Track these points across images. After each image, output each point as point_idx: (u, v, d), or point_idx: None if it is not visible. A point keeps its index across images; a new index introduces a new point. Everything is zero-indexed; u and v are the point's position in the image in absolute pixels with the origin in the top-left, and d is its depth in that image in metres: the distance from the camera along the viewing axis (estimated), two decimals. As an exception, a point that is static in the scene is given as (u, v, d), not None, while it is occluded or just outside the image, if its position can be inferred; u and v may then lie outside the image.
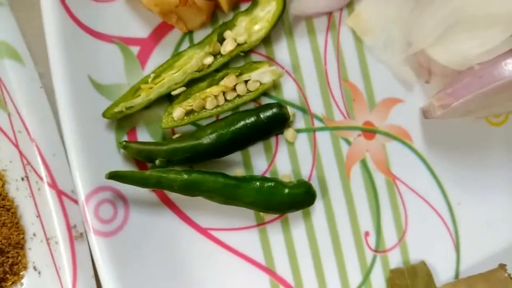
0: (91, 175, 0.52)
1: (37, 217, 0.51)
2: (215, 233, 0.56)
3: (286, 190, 0.55)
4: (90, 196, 0.52)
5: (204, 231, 0.56)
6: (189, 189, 0.53)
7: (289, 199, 0.55)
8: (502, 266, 0.58)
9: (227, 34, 0.55)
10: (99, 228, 0.52)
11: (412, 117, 0.58)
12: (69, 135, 0.51)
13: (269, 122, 0.55)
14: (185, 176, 0.53)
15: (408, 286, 0.58)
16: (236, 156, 0.56)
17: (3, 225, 0.52)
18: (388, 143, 0.58)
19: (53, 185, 0.50)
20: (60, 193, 0.50)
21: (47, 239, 0.51)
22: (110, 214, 0.52)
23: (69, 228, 0.51)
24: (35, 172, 0.50)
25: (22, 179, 0.52)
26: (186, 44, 0.55)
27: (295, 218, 0.57)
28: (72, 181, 0.51)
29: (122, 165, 0.53)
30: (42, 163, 0.50)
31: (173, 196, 0.55)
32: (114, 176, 0.51)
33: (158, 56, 0.54)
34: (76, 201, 0.51)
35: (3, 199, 0.52)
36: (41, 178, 0.50)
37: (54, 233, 0.51)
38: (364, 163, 0.58)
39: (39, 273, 0.53)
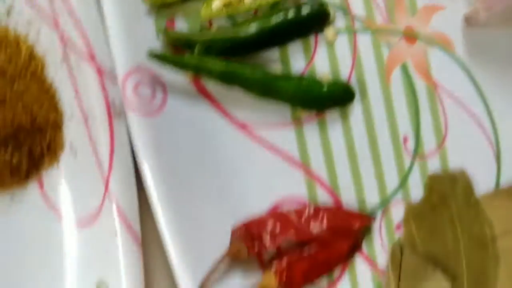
0: (130, 54, 0.52)
1: (75, 97, 0.52)
2: (251, 128, 0.56)
3: (325, 87, 0.54)
4: (128, 75, 0.52)
5: (240, 125, 0.56)
6: (228, 77, 0.53)
7: (328, 96, 0.55)
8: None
9: None
10: (138, 106, 0.52)
11: (455, 25, 0.58)
12: (110, 14, 0.52)
13: (309, 18, 0.55)
14: (224, 64, 0.53)
15: (447, 192, 0.56)
16: (274, 54, 0.56)
17: (42, 106, 0.52)
18: (430, 49, 0.57)
19: (92, 61, 0.51)
20: (99, 70, 0.51)
21: (85, 118, 0.52)
22: (149, 95, 0.53)
23: (108, 105, 0.51)
24: (75, 49, 0.51)
25: (62, 60, 0.52)
26: None
27: (333, 120, 0.57)
28: (111, 60, 0.51)
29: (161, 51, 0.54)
30: (83, 40, 0.51)
31: (211, 88, 0.55)
32: (154, 55, 0.52)
33: None
34: (115, 81, 0.51)
35: (42, 82, 0.53)
36: (80, 55, 0.51)
37: (92, 111, 0.51)
38: (404, 68, 0.57)
39: (76, 153, 0.53)
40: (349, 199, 0.57)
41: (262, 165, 0.56)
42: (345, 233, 0.55)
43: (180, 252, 0.52)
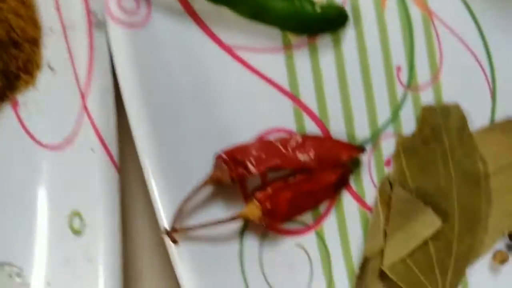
0: (114, -36, 0.49)
1: (55, 8, 0.49)
2: (239, 52, 0.53)
3: (319, 9, 0.52)
4: (111, -15, 0.49)
5: (227, 48, 0.53)
6: (215, -8, 0.50)
7: (321, 18, 0.52)
8: (542, 108, 0.55)
9: None
10: (120, 16, 0.49)
11: (453, -48, 0.55)
12: None
13: None
14: (212, -22, 0.50)
15: (440, 125, 0.54)
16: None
17: (18, 16, 0.49)
18: (427, -23, 0.55)
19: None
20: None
21: (65, 30, 0.49)
22: (133, 6, 0.50)
23: (89, 15, 0.48)
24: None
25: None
26: None
27: (324, 46, 0.54)
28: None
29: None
30: None
31: (198, 6, 0.52)
32: (138, -34, 0.49)
33: None
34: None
35: (20, -8, 0.50)
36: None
37: (72, 22, 0.48)
38: (400, -6, 0.54)
39: (54, 71, 0.50)
40: (338, 131, 0.54)
41: (249, 92, 0.53)
42: (332, 163, 0.52)
43: (160, 179, 0.50)
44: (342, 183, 0.53)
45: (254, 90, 0.53)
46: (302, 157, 0.52)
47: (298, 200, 0.51)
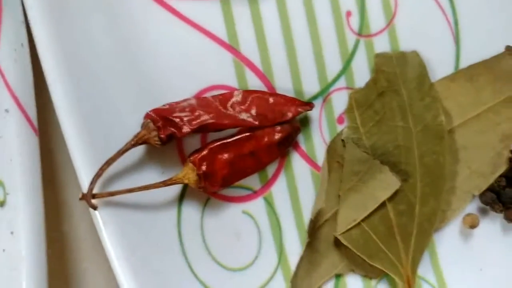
0: None
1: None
2: (171, 2, 0.48)
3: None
4: None
5: (158, -1, 0.48)
6: None
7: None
8: (509, 50, 0.49)
9: None
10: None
11: None
12: None
13: None
14: None
15: (397, 75, 0.49)
16: None
17: None
18: None
19: None
20: None
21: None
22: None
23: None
24: None
25: None
26: None
27: (266, -7, 0.48)
28: None
29: None
30: None
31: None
32: None
33: None
34: None
35: None
36: None
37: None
38: None
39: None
40: (284, 86, 0.49)
41: (183, 45, 0.48)
42: (277, 121, 0.47)
43: (81, 142, 0.45)
44: (288, 142, 0.48)
45: (188, 43, 0.48)
46: (242, 114, 0.47)
47: (239, 161, 0.46)
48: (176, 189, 0.47)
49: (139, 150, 0.47)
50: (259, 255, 0.49)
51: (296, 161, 0.49)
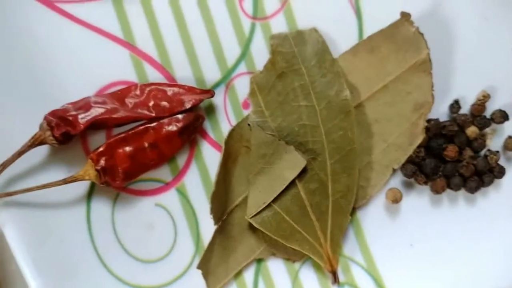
0: None
1: None
2: (62, 6, 0.48)
3: None
4: None
5: (49, 4, 0.48)
6: None
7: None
8: (405, 16, 0.48)
9: None
10: None
11: None
12: None
13: None
14: None
15: (295, 54, 0.48)
16: None
17: None
18: None
19: None
20: None
21: None
22: None
23: None
24: None
25: None
26: None
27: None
28: None
29: None
30: None
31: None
32: None
33: None
34: None
35: None
36: None
37: None
38: None
39: None
40: (185, 76, 0.49)
41: (80, 47, 0.48)
42: (176, 110, 0.46)
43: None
44: (190, 132, 0.47)
45: (84, 44, 0.49)
46: (139, 108, 0.46)
47: (140, 154, 0.46)
48: (85, 186, 0.47)
49: (45, 151, 0.47)
50: (175, 246, 0.48)
51: (206, 149, 0.49)
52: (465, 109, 0.50)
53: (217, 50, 0.49)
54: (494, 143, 0.50)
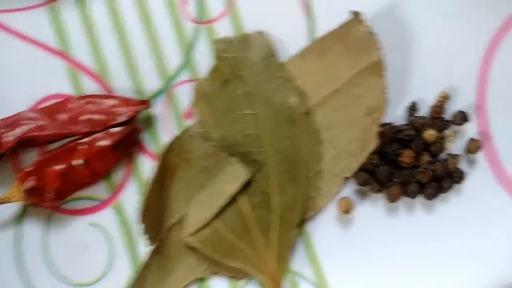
0: None
1: None
2: (-7, 15, 0.46)
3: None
4: None
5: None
6: None
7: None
8: (356, 16, 0.45)
9: None
10: None
11: None
12: None
13: None
14: None
15: (240, 59, 0.45)
16: None
17: None
18: None
19: None
20: None
21: None
22: None
23: None
24: None
25: None
26: None
27: (95, -6, 0.46)
28: None
29: None
30: None
31: None
32: None
33: None
34: None
35: None
36: None
37: None
38: None
39: None
40: (123, 87, 0.46)
41: (13, 59, 0.46)
42: (109, 124, 0.44)
43: None
44: (125, 146, 0.45)
45: (17, 55, 0.46)
46: (71, 122, 0.44)
47: (73, 172, 0.44)
48: (15, 207, 0.45)
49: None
50: (111, 268, 0.46)
51: (145, 164, 0.46)
52: (424, 111, 0.47)
53: (157, 57, 0.46)
54: (457, 146, 0.47)
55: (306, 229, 0.47)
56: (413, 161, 0.46)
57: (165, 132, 0.46)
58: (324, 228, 0.47)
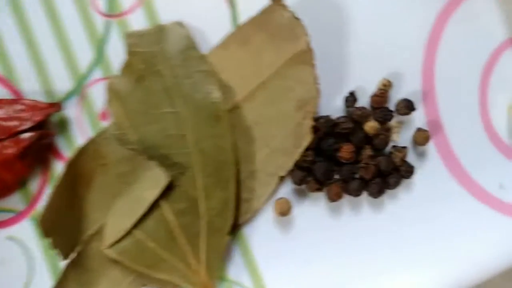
0: None
1: None
2: None
3: None
4: None
5: None
6: None
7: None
8: (278, 1, 0.41)
9: None
10: None
11: None
12: None
13: None
14: None
15: (155, 54, 0.41)
16: None
17: None
18: None
19: None
20: None
21: None
22: None
23: None
24: None
25: None
26: None
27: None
28: None
29: None
30: None
31: None
32: None
33: None
34: None
35: None
36: None
37: None
38: None
39: None
40: (32, 89, 0.42)
41: None
42: (15, 130, 0.40)
43: None
44: (35, 153, 0.41)
45: None
46: (-26, 130, 0.40)
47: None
48: None
49: None
50: (31, 283, 0.42)
51: (60, 169, 0.42)
52: (366, 101, 0.43)
53: (67, 55, 0.42)
54: (404, 137, 0.43)
55: (242, 234, 0.42)
56: (354, 156, 0.42)
57: (80, 135, 0.42)
58: (261, 232, 0.43)
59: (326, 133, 0.42)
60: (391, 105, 0.44)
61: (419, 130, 0.43)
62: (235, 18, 0.42)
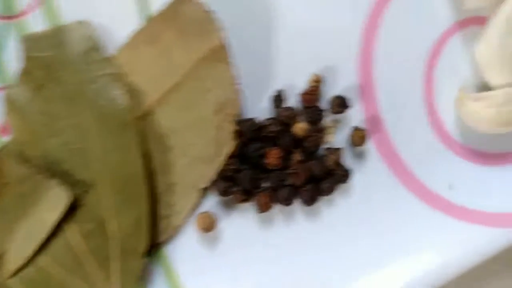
0: None
1: None
2: None
3: None
4: None
5: None
6: None
7: None
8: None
9: None
10: None
11: None
12: None
13: None
14: None
15: (54, 58, 0.37)
16: None
17: None
18: None
19: None
20: None
21: None
22: None
23: None
24: None
25: None
26: None
27: None
28: None
29: None
30: None
31: None
32: None
33: None
34: None
35: None
36: None
37: None
38: None
39: None
40: None
41: None
42: None
43: None
44: None
45: None
46: None
47: None
48: None
49: None
50: None
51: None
52: (296, 101, 0.39)
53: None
54: (341, 138, 0.39)
55: (163, 253, 0.38)
56: (282, 161, 0.38)
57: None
58: (185, 250, 0.39)
59: (251, 137, 0.38)
60: (326, 103, 0.39)
61: (356, 129, 0.39)
62: (146, 13, 0.38)
